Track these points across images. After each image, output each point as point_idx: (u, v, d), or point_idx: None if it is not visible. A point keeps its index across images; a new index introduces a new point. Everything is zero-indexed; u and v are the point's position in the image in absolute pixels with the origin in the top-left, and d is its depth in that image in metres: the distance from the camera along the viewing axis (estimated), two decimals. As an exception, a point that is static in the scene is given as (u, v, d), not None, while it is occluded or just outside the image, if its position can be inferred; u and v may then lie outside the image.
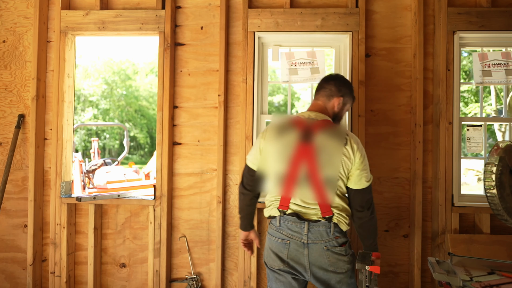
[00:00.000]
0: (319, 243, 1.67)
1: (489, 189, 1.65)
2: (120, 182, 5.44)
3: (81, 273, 2.60)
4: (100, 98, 18.25)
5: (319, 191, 1.67)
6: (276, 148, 1.71)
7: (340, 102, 1.81)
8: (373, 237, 1.76)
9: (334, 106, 1.80)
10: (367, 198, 1.71)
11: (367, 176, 1.71)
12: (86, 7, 2.59)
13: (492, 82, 2.45)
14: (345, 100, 1.83)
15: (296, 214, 1.70)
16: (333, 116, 1.81)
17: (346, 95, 1.83)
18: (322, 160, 1.65)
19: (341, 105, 1.82)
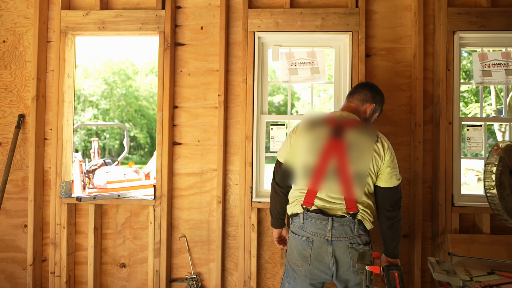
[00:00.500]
0: (343, 240, 1.68)
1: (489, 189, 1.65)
2: (120, 182, 5.44)
3: (81, 273, 2.60)
4: (100, 98, 18.25)
5: (346, 186, 1.69)
6: (306, 142, 1.75)
7: (372, 109, 1.89)
8: (397, 240, 1.79)
9: (366, 111, 1.88)
10: (398, 198, 1.74)
11: (397, 175, 1.75)
12: (86, 7, 2.59)
13: (492, 82, 2.45)
14: (376, 108, 1.90)
15: (320, 211, 1.72)
16: (365, 120, 1.90)
17: (378, 103, 1.91)
18: (352, 155, 1.68)
19: (371, 112, 1.89)
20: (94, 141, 7.56)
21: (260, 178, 2.54)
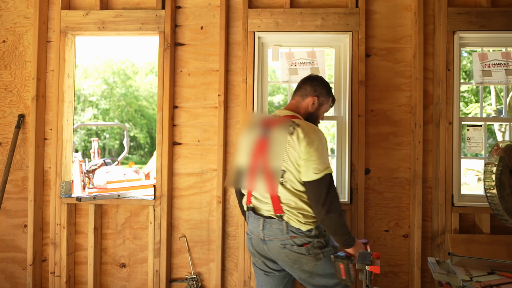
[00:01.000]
0: (275, 241, 1.68)
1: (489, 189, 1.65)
2: (120, 182, 5.44)
3: (81, 273, 2.60)
4: (100, 98, 18.25)
5: (269, 184, 1.67)
6: (243, 144, 1.82)
7: (315, 102, 1.82)
8: (338, 234, 1.64)
9: (308, 105, 1.82)
10: (319, 193, 1.57)
11: (316, 167, 1.58)
12: (86, 7, 2.59)
13: (492, 82, 2.45)
14: (321, 100, 1.84)
15: (253, 209, 1.77)
16: (308, 115, 1.82)
17: (322, 95, 1.84)
18: (271, 152, 1.67)
19: (316, 105, 1.83)
20: (94, 141, 7.56)
21: (260, 178, 2.53)
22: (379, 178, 2.43)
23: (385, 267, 2.43)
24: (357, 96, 2.40)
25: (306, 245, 1.64)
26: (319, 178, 1.57)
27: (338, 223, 1.59)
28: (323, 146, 1.62)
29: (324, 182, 1.57)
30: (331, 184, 1.59)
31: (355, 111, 2.40)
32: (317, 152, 1.59)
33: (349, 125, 2.42)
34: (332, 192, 1.59)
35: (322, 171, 1.58)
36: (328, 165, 1.61)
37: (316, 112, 1.85)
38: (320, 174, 1.57)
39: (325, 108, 1.88)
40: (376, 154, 2.43)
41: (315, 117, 1.85)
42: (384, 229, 2.43)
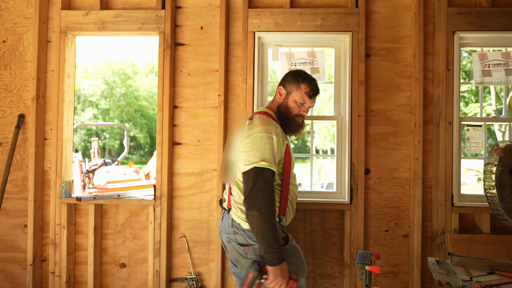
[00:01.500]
0: (223, 233, 1.72)
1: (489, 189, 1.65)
2: (120, 182, 5.44)
3: (81, 273, 2.60)
4: (100, 98, 18.25)
5: (227, 177, 1.77)
6: (231, 141, 1.89)
7: (282, 91, 1.79)
8: (259, 241, 1.49)
9: (276, 97, 1.80)
10: (246, 186, 1.52)
11: (247, 159, 1.54)
12: (86, 7, 2.59)
13: (492, 82, 2.45)
14: (288, 88, 1.77)
15: (221, 200, 1.85)
16: (278, 106, 1.78)
17: (287, 82, 1.78)
18: (231, 146, 1.79)
19: (284, 94, 1.78)
20: (94, 141, 7.56)
21: (260, 178, 2.54)
22: (379, 178, 2.43)
23: (385, 267, 2.43)
24: (357, 96, 2.40)
25: (245, 246, 1.59)
26: (248, 170, 1.52)
27: (258, 224, 1.46)
28: (262, 139, 1.55)
29: (251, 175, 1.50)
30: (260, 179, 1.49)
31: (355, 111, 2.40)
32: (252, 144, 1.55)
33: (349, 125, 2.42)
34: (258, 188, 1.48)
35: (252, 163, 1.52)
36: (261, 159, 1.52)
37: (285, 102, 1.76)
38: (249, 166, 1.52)
39: (296, 96, 1.75)
40: (376, 154, 2.43)
41: (285, 107, 1.76)
42: (384, 229, 2.43)
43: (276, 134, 1.59)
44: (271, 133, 1.57)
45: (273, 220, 1.48)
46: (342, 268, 2.43)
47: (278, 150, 1.58)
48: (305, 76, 1.76)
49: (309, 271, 2.46)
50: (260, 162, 1.51)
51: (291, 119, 1.75)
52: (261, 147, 1.54)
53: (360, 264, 1.46)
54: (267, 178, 1.51)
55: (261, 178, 1.50)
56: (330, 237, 2.46)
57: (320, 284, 2.47)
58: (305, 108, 1.76)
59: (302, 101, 1.74)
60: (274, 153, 1.56)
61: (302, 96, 1.74)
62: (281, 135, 1.62)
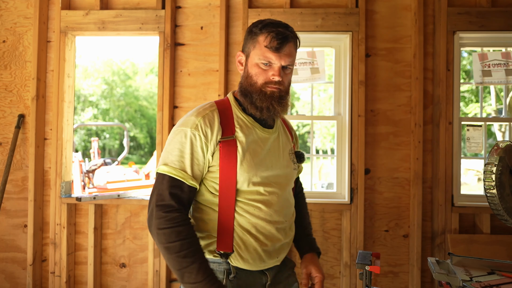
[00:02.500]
0: None
1: (489, 189, 1.65)
2: (120, 182, 5.44)
3: (81, 273, 2.60)
4: (100, 98, 18.26)
5: None
6: None
7: (241, 59, 1.25)
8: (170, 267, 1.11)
9: (238, 70, 1.28)
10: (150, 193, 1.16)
11: (158, 163, 1.18)
12: (86, 7, 2.59)
13: (492, 82, 2.45)
14: (246, 50, 1.22)
15: None
16: (240, 83, 1.26)
17: (244, 42, 1.25)
18: None
19: (243, 61, 1.24)
20: (94, 141, 7.56)
21: (260, 178, 2.53)
22: (379, 178, 2.43)
23: (385, 267, 2.43)
24: (357, 96, 2.40)
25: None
26: (156, 174, 1.17)
27: (160, 245, 1.09)
28: (173, 136, 1.17)
29: (154, 182, 1.16)
30: (156, 189, 1.12)
31: (355, 111, 2.40)
32: (166, 145, 1.19)
33: (349, 125, 2.42)
34: (152, 200, 1.12)
35: (159, 166, 1.15)
36: (164, 162, 1.14)
37: (245, 71, 1.23)
38: (158, 170, 1.16)
39: (255, 57, 1.18)
40: (376, 154, 2.43)
41: (245, 78, 1.22)
42: (384, 229, 2.43)
43: (195, 127, 1.14)
44: (186, 125, 1.15)
45: (172, 245, 1.07)
46: (342, 268, 2.43)
47: (199, 150, 1.13)
48: (263, 23, 1.18)
49: (309, 271, 2.47)
50: (161, 167, 1.13)
51: (257, 92, 1.18)
52: (170, 145, 1.16)
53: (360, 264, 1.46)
54: (165, 190, 1.10)
55: (158, 188, 1.12)
56: (330, 237, 2.46)
57: (320, 284, 2.47)
58: (275, 70, 1.16)
59: (265, 60, 1.16)
60: (188, 153, 1.13)
61: (262, 52, 1.16)
62: (208, 127, 1.15)
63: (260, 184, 1.19)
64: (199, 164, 1.15)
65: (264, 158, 1.21)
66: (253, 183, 1.17)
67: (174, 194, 1.11)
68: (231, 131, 1.19)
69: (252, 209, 1.18)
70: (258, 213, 1.18)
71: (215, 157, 1.15)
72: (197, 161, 1.14)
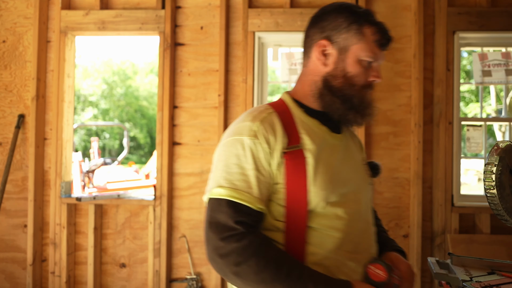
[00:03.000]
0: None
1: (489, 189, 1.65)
2: (120, 182, 5.44)
3: (81, 273, 2.60)
4: (100, 98, 18.26)
5: None
6: None
7: (328, 50, 0.94)
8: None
9: (315, 65, 0.97)
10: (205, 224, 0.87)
11: (212, 183, 0.90)
12: (86, 7, 2.59)
13: (492, 82, 2.45)
14: (341, 40, 0.93)
15: None
16: (324, 80, 0.95)
17: (336, 29, 0.93)
18: None
19: (334, 53, 0.93)
20: (94, 141, 7.55)
21: (260, 178, 2.53)
22: (379, 178, 2.43)
23: (385, 267, 2.43)
24: (357, 96, 2.40)
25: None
26: (209, 199, 0.89)
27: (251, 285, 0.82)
28: (225, 148, 0.90)
29: (206, 211, 0.89)
30: (215, 217, 0.84)
31: (355, 111, 2.40)
32: (216, 160, 0.93)
33: (349, 125, 2.42)
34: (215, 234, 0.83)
35: (207, 192, 0.91)
36: (219, 184, 0.86)
37: (340, 66, 0.93)
38: (205, 196, 0.91)
39: (360, 51, 0.92)
40: (376, 154, 2.43)
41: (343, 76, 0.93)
42: (384, 229, 2.43)
43: (253, 134, 0.87)
44: (241, 133, 0.88)
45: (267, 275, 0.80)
46: (342, 268, 2.43)
47: (263, 162, 0.86)
48: (364, 12, 0.95)
49: (309, 271, 2.47)
50: (214, 189, 0.86)
51: (358, 96, 0.96)
52: (222, 162, 0.89)
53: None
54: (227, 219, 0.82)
55: (214, 219, 0.84)
56: (330, 237, 2.46)
57: (320, 284, 2.47)
58: (377, 71, 0.97)
59: (372, 57, 0.93)
60: (251, 168, 0.85)
61: (371, 48, 0.92)
62: (270, 133, 0.87)
63: (339, 205, 0.89)
64: (265, 182, 0.86)
65: (340, 171, 0.93)
66: (330, 204, 0.88)
67: (240, 222, 0.82)
68: (296, 139, 0.90)
69: (330, 241, 0.88)
70: (338, 244, 0.88)
71: (280, 172, 0.87)
72: (263, 177, 0.86)
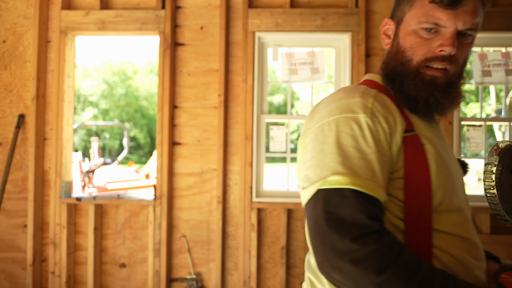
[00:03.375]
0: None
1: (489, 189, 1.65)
2: (120, 182, 5.44)
3: (81, 273, 2.60)
4: (100, 98, 18.26)
5: None
6: None
7: (389, 29, 0.83)
8: None
9: (383, 42, 0.85)
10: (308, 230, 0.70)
11: (305, 176, 0.72)
12: (86, 7, 2.59)
13: (492, 82, 2.45)
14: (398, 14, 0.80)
15: None
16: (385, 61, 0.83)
17: (397, 3, 0.82)
18: None
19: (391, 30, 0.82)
20: (94, 141, 7.55)
21: (260, 178, 2.54)
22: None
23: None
24: (357, 96, 2.40)
25: None
26: (309, 198, 0.70)
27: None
28: (334, 133, 0.70)
29: (315, 206, 0.68)
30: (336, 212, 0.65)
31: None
32: (315, 143, 0.72)
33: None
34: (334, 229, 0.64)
35: (312, 182, 0.69)
36: (332, 170, 0.67)
37: (395, 43, 0.80)
38: (308, 188, 0.70)
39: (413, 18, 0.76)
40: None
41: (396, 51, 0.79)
42: (384, 229, 2.43)
43: (370, 111, 0.71)
44: (352, 110, 0.71)
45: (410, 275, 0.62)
46: (342, 268, 2.43)
47: (384, 144, 0.70)
48: None
49: (309, 271, 2.47)
50: (330, 178, 0.67)
51: (410, 75, 0.77)
52: (331, 144, 0.70)
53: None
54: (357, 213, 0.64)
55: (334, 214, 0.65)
56: (330, 237, 2.46)
57: (320, 284, 2.47)
58: (445, 38, 0.73)
59: (429, 21, 0.74)
60: (373, 152, 0.69)
61: (426, 11, 0.74)
62: (388, 111, 0.73)
63: (459, 202, 0.77)
64: (387, 169, 0.70)
65: (450, 165, 0.78)
66: (453, 205, 0.75)
67: (374, 217, 0.64)
68: (409, 122, 0.75)
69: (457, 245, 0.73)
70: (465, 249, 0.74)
71: (400, 159, 0.72)
72: (385, 163, 0.69)
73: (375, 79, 0.85)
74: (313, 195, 0.69)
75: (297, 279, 2.46)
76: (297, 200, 2.43)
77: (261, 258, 2.48)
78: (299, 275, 2.46)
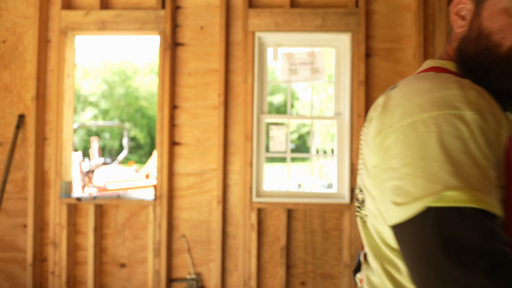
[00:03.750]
0: None
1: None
2: (120, 182, 5.44)
3: (81, 273, 2.60)
4: (100, 98, 18.26)
5: None
6: None
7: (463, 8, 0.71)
8: None
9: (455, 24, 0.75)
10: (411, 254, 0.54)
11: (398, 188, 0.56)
12: (86, 7, 2.59)
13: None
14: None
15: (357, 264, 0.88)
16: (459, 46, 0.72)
17: None
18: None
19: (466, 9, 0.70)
20: (94, 141, 7.56)
21: (260, 178, 2.54)
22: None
23: (385, 267, 2.42)
24: (357, 96, 2.40)
25: None
26: (410, 217, 0.54)
27: None
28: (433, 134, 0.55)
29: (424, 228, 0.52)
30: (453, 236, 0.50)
31: (355, 111, 2.40)
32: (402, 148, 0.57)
33: (349, 125, 2.42)
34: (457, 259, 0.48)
35: (415, 198, 0.53)
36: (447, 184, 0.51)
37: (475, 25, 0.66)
38: (408, 205, 0.54)
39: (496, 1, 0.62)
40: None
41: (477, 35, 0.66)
42: (384, 229, 2.42)
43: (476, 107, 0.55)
44: (456, 106, 0.55)
45: None
46: (342, 268, 2.43)
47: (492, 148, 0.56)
48: None
49: (309, 271, 2.46)
50: (444, 193, 0.51)
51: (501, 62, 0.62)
52: (434, 149, 0.54)
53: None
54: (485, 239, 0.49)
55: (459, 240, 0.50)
56: (330, 237, 2.46)
57: (320, 284, 2.47)
58: None
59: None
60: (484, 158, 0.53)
61: None
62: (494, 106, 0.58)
63: None
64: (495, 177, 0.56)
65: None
66: None
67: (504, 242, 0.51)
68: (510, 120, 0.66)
69: None
70: None
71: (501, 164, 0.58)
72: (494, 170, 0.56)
73: (448, 66, 0.71)
74: (417, 215, 0.53)
75: (297, 279, 2.46)
76: (297, 200, 2.43)
77: (261, 258, 2.48)
78: (299, 275, 2.46)
